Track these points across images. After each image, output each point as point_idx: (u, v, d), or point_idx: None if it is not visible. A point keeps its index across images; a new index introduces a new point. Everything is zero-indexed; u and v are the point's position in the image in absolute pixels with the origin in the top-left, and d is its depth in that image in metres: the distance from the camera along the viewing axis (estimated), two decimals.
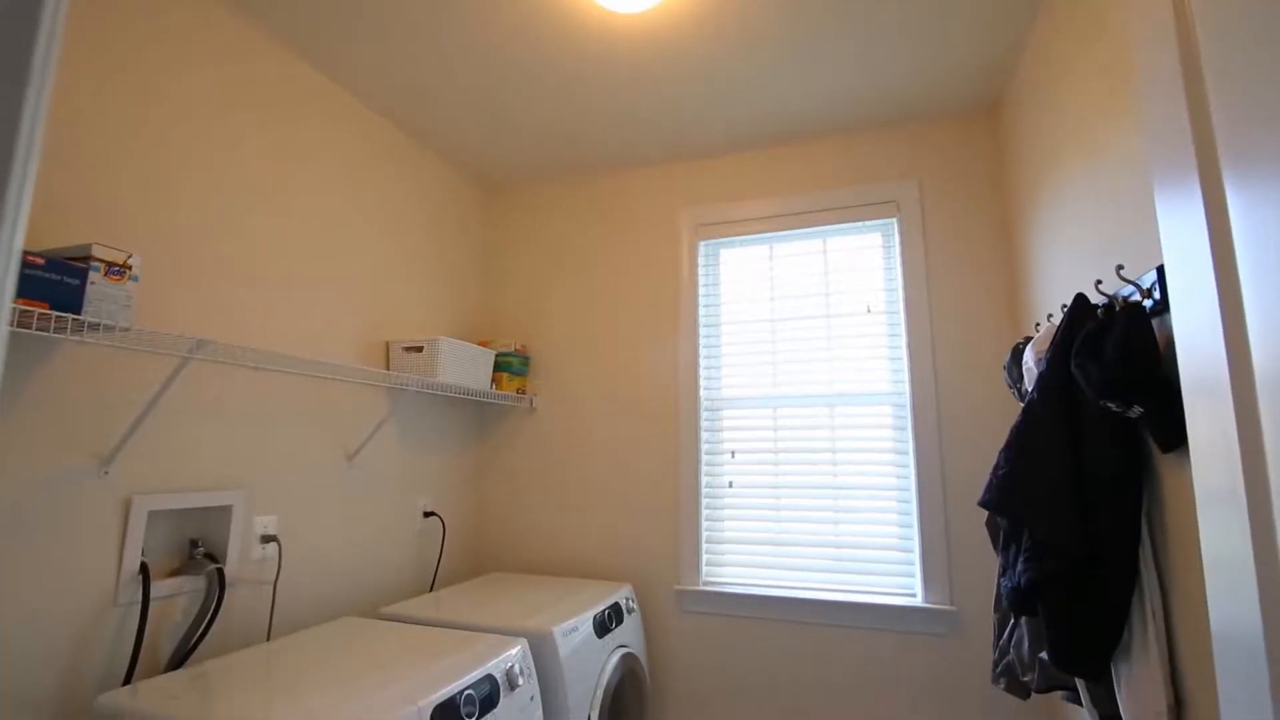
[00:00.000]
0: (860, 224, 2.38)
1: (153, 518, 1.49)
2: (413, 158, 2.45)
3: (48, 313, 1.14)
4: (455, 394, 2.33)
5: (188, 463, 1.57)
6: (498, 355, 2.60)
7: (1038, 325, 1.68)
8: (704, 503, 2.42)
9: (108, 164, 1.43)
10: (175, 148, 1.58)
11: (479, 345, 2.48)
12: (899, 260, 2.29)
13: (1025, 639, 1.41)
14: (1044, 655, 1.33)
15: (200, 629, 1.52)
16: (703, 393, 2.49)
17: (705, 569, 2.39)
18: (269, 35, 1.84)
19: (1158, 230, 1.11)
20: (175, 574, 1.53)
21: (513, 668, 1.51)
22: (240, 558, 1.67)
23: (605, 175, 2.76)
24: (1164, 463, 1.16)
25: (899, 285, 2.29)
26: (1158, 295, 1.09)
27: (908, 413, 2.22)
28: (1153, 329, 1.09)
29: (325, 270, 2.01)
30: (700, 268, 2.57)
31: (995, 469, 1.34)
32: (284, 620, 1.79)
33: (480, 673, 1.41)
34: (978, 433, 2.12)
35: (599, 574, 2.50)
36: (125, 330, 1.26)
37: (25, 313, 1.11)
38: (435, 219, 2.57)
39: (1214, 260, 0.62)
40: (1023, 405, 1.35)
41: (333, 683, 1.29)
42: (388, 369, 2.23)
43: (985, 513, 1.90)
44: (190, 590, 1.55)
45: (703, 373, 2.50)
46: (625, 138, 2.45)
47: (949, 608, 2.05)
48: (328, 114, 2.05)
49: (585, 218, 2.77)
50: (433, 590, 2.29)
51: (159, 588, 1.47)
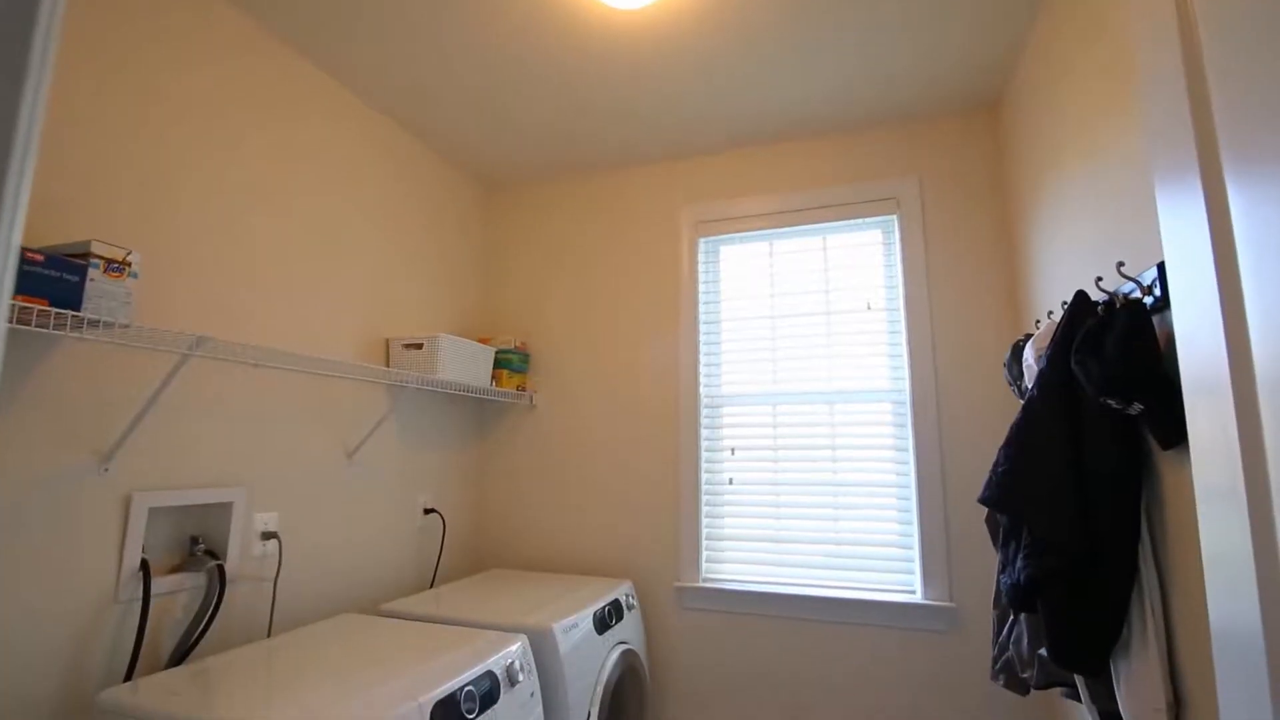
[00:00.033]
0: (860, 221, 2.38)
1: (153, 514, 1.49)
2: (413, 156, 2.45)
3: (47, 309, 1.14)
4: (455, 391, 2.33)
5: (188, 460, 1.57)
6: (498, 352, 2.60)
7: (1038, 322, 1.68)
8: (704, 499, 2.43)
9: (107, 161, 1.43)
10: (175, 145, 1.58)
11: (479, 342, 2.47)
12: (899, 257, 2.29)
13: (1025, 636, 1.42)
14: (1043, 652, 1.33)
15: (201, 625, 1.53)
16: (703, 389, 2.49)
17: (705, 566, 2.39)
18: (269, 33, 1.84)
19: (1158, 227, 1.11)
20: (176, 571, 1.53)
21: (513, 664, 1.51)
22: (241, 554, 1.67)
23: (605, 172, 2.76)
24: (1164, 460, 1.16)
25: (899, 282, 2.29)
26: (1158, 292, 1.09)
27: (908, 410, 2.22)
28: (1153, 326, 1.09)
29: (325, 267, 2.01)
30: (700, 265, 2.57)
31: (995, 466, 1.34)
32: (284, 617, 1.79)
33: (480, 669, 1.42)
34: (978, 430, 2.12)
35: (599, 571, 2.51)
36: (125, 327, 1.26)
37: (25, 309, 1.11)
38: (435, 216, 2.57)
39: (1215, 257, 0.62)
40: (1023, 402, 1.35)
41: (333, 679, 1.29)
42: (388, 366, 2.23)
43: (985, 510, 1.91)
44: (191, 587, 1.55)
45: (703, 369, 2.50)
46: (625, 135, 2.44)
47: (948, 604, 2.06)
48: (328, 112, 2.05)
49: (585, 215, 2.77)
50: (433, 587, 2.29)
51: (159, 584, 1.47)
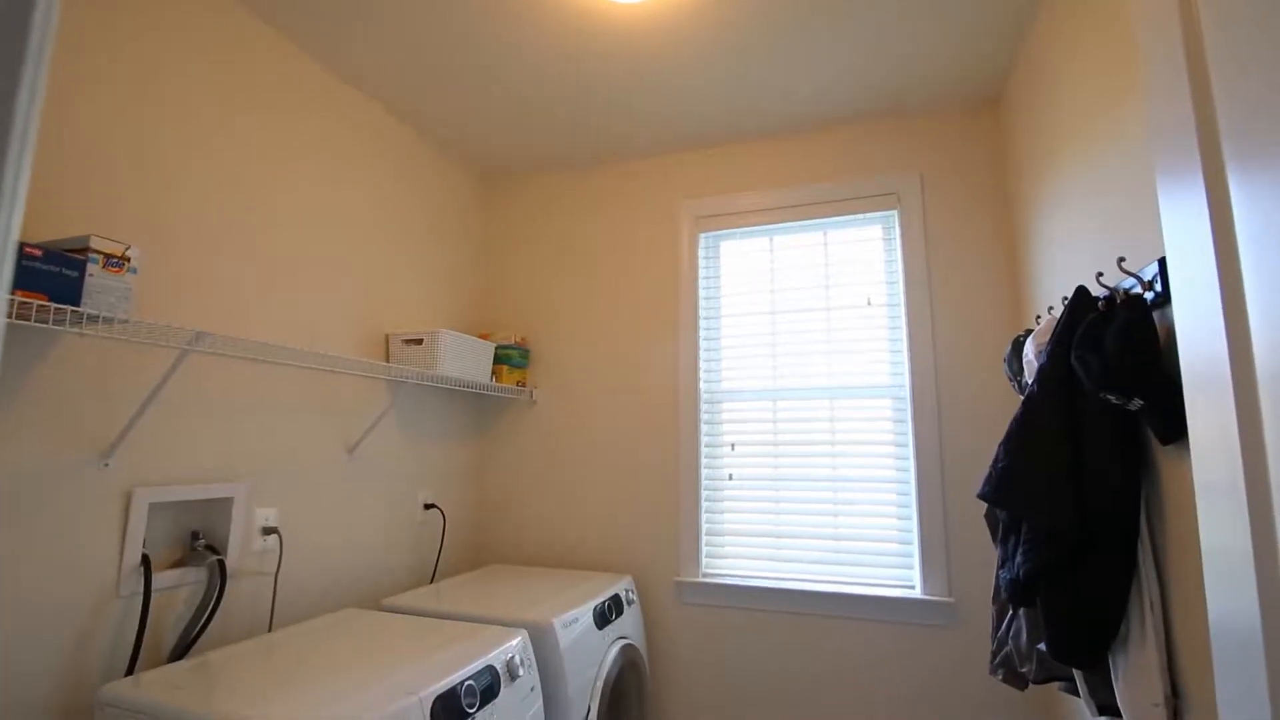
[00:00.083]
0: (861, 216, 2.37)
1: (154, 510, 1.49)
2: (413, 151, 2.44)
3: (46, 304, 1.14)
4: (455, 386, 2.33)
5: (188, 455, 1.57)
6: (498, 348, 2.60)
7: (1038, 318, 1.68)
8: (704, 495, 2.43)
9: (106, 156, 1.43)
10: (174, 140, 1.57)
11: (479, 338, 2.47)
12: (900, 252, 2.29)
13: (1023, 630, 1.42)
14: (1042, 646, 1.34)
15: (202, 620, 1.53)
16: (703, 385, 2.49)
17: (705, 561, 2.39)
18: (268, 26, 1.83)
19: (1160, 222, 1.11)
20: (177, 565, 1.54)
21: (513, 659, 1.52)
22: (241, 549, 1.68)
23: (606, 167, 2.75)
24: (1163, 455, 1.16)
25: (899, 278, 2.29)
26: (1159, 288, 1.09)
27: (907, 405, 2.22)
28: (1154, 321, 1.09)
29: (325, 262, 2.01)
30: (700, 259, 2.57)
31: (995, 462, 1.34)
32: (285, 612, 1.79)
33: (481, 663, 1.42)
34: (977, 426, 2.12)
35: (599, 566, 2.51)
36: (124, 322, 1.26)
37: (24, 304, 1.11)
38: (435, 211, 2.56)
39: (1216, 253, 0.62)
40: (1022, 398, 1.35)
41: (334, 673, 1.30)
42: (388, 361, 2.23)
43: (984, 505, 1.91)
44: (192, 582, 1.55)
45: (703, 365, 2.50)
46: (625, 129, 2.44)
47: (947, 599, 2.06)
48: (328, 106, 2.04)
49: (586, 209, 2.76)
50: (433, 582, 2.29)
51: (161, 579, 1.47)
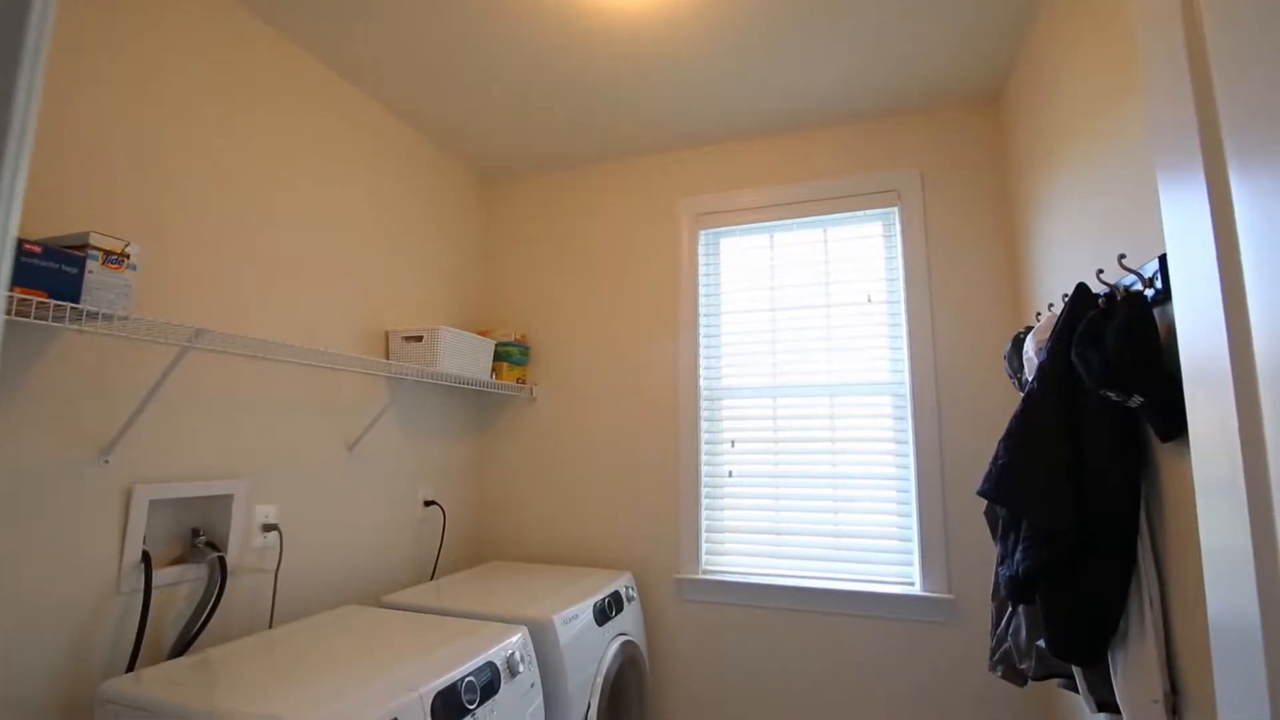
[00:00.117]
0: (861, 213, 2.37)
1: (154, 506, 1.49)
2: (412, 147, 2.44)
3: (46, 301, 1.13)
4: (455, 383, 2.33)
5: (188, 452, 1.57)
6: (498, 345, 2.60)
7: (1039, 315, 1.68)
8: (704, 492, 2.43)
9: (106, 153, 1.43)
10: (173, 137, 1.57)
11: (479, 335, 2.47)
12: (900, 250, 2.29)
13: (1023, 627, 1.42)
14: (1041, 643, 1.34)
15: (203, 617, 1.53)
16: (703, 382, 2.49)
17: (705, 558, 2.40)
18: (267, 23, 1.82)
19: (1160, 219, 1.10)
20: (177, 562, 1.54)
21: (513, 655, 1.52)
22: (242, 546, 1.68)
23: (606, 164, 2.75)
24: (1163, 452, 1.16)
25: (900, 275, 2.29)
26: (1159, 284, 1.09)
27: (907, 402, 2.22)
28: (1154, 318, 1.09)
29: (325, 259, 2.00)
30: (700, 257, 2.56)
31: (994, 459, 1.34)
32: (286, 608, 1.80)
33: (481, 660, 1.42)
34: (977, 423, 2.13)
35: (599, 562, 2.51)
36: (124, 319, 1.26)
37: (24, 301, 1.11)
38: (435, 208, 2.56)
39: (1217, 250, 0.62)
40: (1022, 395, 1.35)
41: (334, 670, 1.30)
42: (387, 358, 2.22)
43: (984, 502, 1.91)
44: (192, 579, 1.55)
45: (703, 362, 2.50)
46: (625, 126, 2.43)
47: (947, 596, 2.06)
48: (327, 103, 2.04)
49: (586, 206, 2.76)
50: (433, 579, 2.30)
51: (161, 576, 1.47)
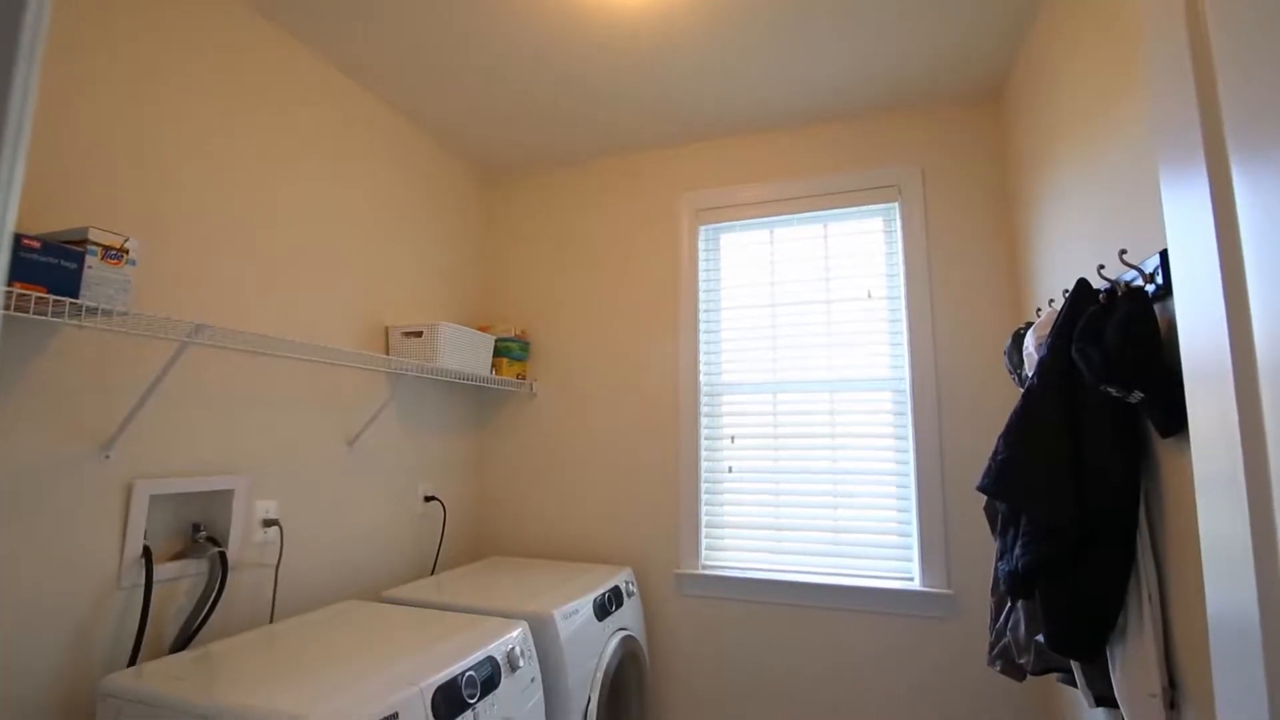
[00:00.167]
0: (862, 208, 2.37)
1: (155, 501, 1.49)
2: (412, 143, 2.43)
3: (45, 296, 1.13)
4: (455, 379, 2.33)
5: (189, 447, 1.57)
6: (498, 340, 2.60)
7: (1039, 310, 1.67)
8: (703, 487, 2.43)
9: (105, 148, 1.42)
10: (173, 132, 1.57)
11: (479, 330, 2.47)
12: (900, 245, 2.28)
13: (1022, 622, 1.43)
14: (1040, 638, 1.34)
15: (203, 611, 1.54)
16: (703, 378, 2.49)
17: (705, 553, 2.40)
18: (267, 19, 1.82)
19: (1161, 215, 1.10)
20: (178, 557, 1.54)
21: (514, 650, 1.52)
22: (242, 541, 1.68)
23: (606, 159, 2.74)
24: (1163, 448, 1.16)
25: (900, 270, 2.28)
26: (1160, 280, 1.09)
27: (907, 398, 2.22)
28: (1154, 314, 1.09)
29: (324, 254, 2.00)
30: (701, 252, 2.56)
31: (994, 454, 1.34)
32: (286, 603, 1.80)
33: (481, 654, 1.43)
34: (977, 418, 2.13)
35: (599, 558, 2.52)
36: (123, 314, 1.26)
37: (23, 296, 1.11)
38: (435, 203, 2.55)
39: (1219, 244, 0.61)
40: (1022, 391, 1.35)
41: (335, 664, 1.30)
42: (387, 354, 2.22)
43: (983, 497, 1.91)
44: (193, 573, 1.56)
45: (703, 358, 2.50)
46: (625, 121, 2.42)
47: (946, 591, 2.07)
48: (326, 98, 2.03)
49: (585, 202, 2.75)
50: (434, 574, 2.30)
51: (162, 571, 1.48)
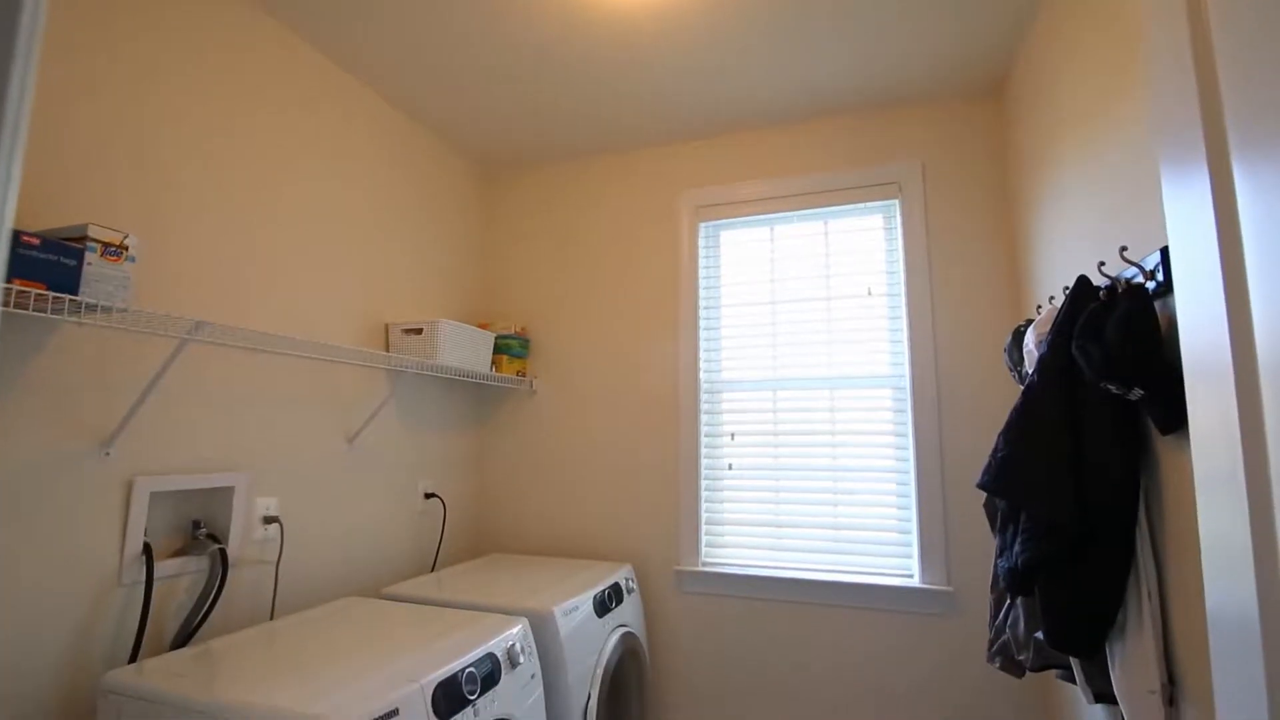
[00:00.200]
0: (862, 205, 2.36)
1: (155, 499, 1.49)
2: (411, 139, 2.42)
3: (45, 293, 1.13)
4: (455, 376, 2.33)
5: (189, 444, 1.57)
6: (498, 337, 2.60)
7: (1039, 308, 1.67)
8: (703, 484, 2.44)
9: (104, 145, 1.42)
10: (172, 128, 1.56)
11: (479, 327, 2.47)
12: (900, 242, 2.28)
13: (1021, 619, 1.43)
14: (1039, 635, 1.35)
15: (204, 608, 1.54)
16: (702, 375, 2.49)
17: (704, 550, 2.41)
18: (267, 15, 1.81)
19: (1162, 212, 1.10)
20: (178, 554, 1.54)
21: (514, 646, 1.52)
22: (243, 538, 1.68)
23: (605, 156, 2.73)
24: (1163, 445, 1.16)
25: (900, 267, 2.28)
26: (1161, 277, 1.09)
27: (907, 395, 2.22)
28: (1155, 311, 1.09)
29: (324, 251, 2.00)
30: (700, 249, 2.56)
31: (994, 451, 1.34)
32: (287, 600, 1.80)
33: (481, 651, 1.43)
34: (977, 416, 2.13)
35: (599, 554, 2.52)
36: (123, 311, 1.26)
37: (22, 293, 1.11)
38: (435, 201, 2.55)
39: (1220, 242, 0.61)
40: (1023, 388, 1.35)
41: (336, 661, 1.31)
42: (387, 351, 2.22)
43: (983, 495, 1.91)
44: (194, 570, 1.56)
45: (703, 355, 2.49)
46: (625, 119, 2.42)
47: (946, 588, 2.07)
48: (326, 94, 2.02)
49: (585, 199, 2.75)
50: (434, 571, 2.30)
51: (162, 568, 1.48)
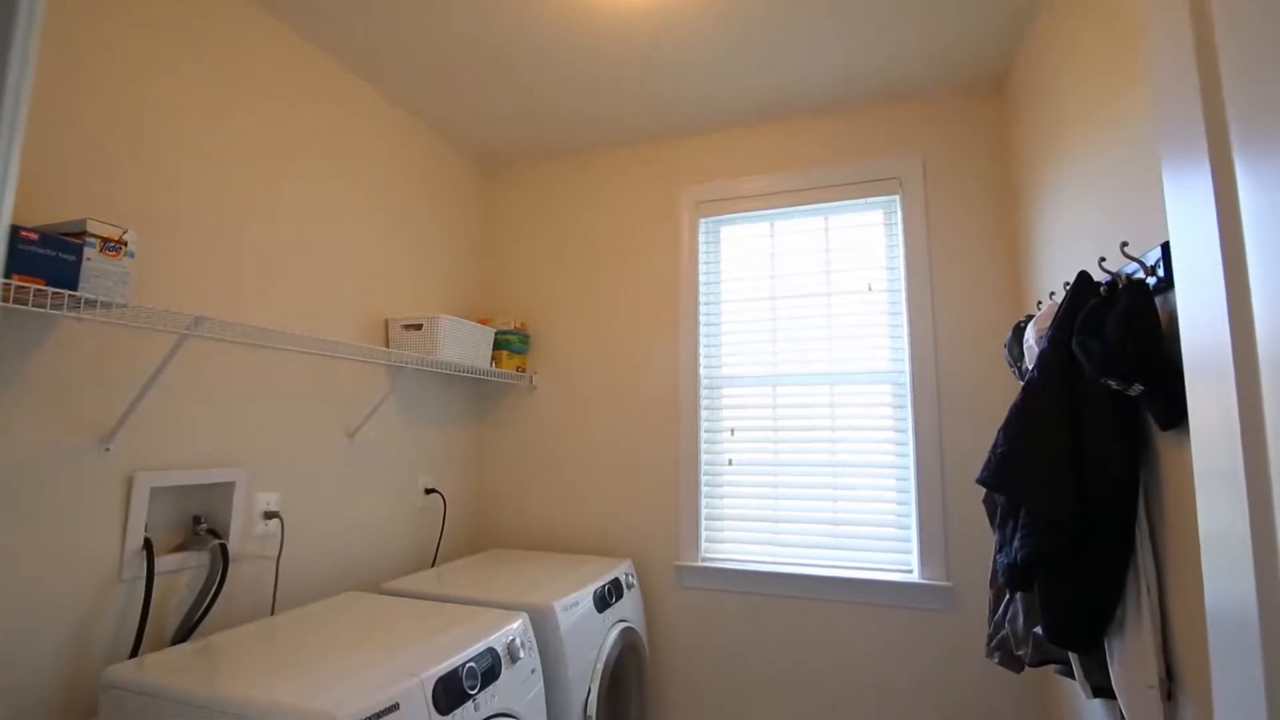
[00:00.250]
0: (862, 201, 2.36)
1: (155, 494, 1.49)
2: (412, 135, 2.42)
3: (44, 289, 1.13)
4: (455, 372, 2.33)
5: (189, 440, 1.57)
6: (497, 333, 2.60)
7: (1040, 303, 1.67)
8: (703, 480, 2.44)
9: (104, 140, 1.41)
10: (171, 124, 1.56)
11: (479, 323, 2.47)
12: (901, 238, 2.28)
13: (1020, 614, 1.43)
14: (1038, 630, 1.35)
15: (205, 603, 1.54)
16: (702, 370, 2.49)
17: (704, 545, 2.41)
18: (266, 11, 1.80)
19: (1163, 207, 1.10)
20: (179, 550, 1.54)
21: (514, 641, 1.53)
22: (243, 534, 1.68)
23: (606, 152, 2.73)
24: (1163, 441, 1.17)
25: (900, 263, 2.28)
26: (1161, 272, 1.09)
27: (907, 391, 2.22)
28: (1155, 306, 1.09)
29: (324, 247, 2.00)
30: (701, 245, 2.55)
31: (994, 447, 1.34)
32: (287, 595, 1.81)
33: (482, 646, 1.43)
34: (977, 411, 2.13)
35: (599, 550, 2.53)
36: (122, 307, 1.26)
37: (21, 289, 1.11)
38: (435, 196, 2.55)
39: (1221, 238, 0.61)
40: (1023, 384, 1.35)
41: (336, 655, 1.31)
42: (387, 346, 2.22)
43: (982, 490, 1.92)
44: (194, 566, 1.56)
45: (703, 350, 2.49)
46: (625, 115, 2.41)
47: (945, 583, 2.08)
48: (325, 90, 2.02)
49: (585, 194, 2.74)
50: (434, 566, 2.31)
51: (163, 563, 1.48)
